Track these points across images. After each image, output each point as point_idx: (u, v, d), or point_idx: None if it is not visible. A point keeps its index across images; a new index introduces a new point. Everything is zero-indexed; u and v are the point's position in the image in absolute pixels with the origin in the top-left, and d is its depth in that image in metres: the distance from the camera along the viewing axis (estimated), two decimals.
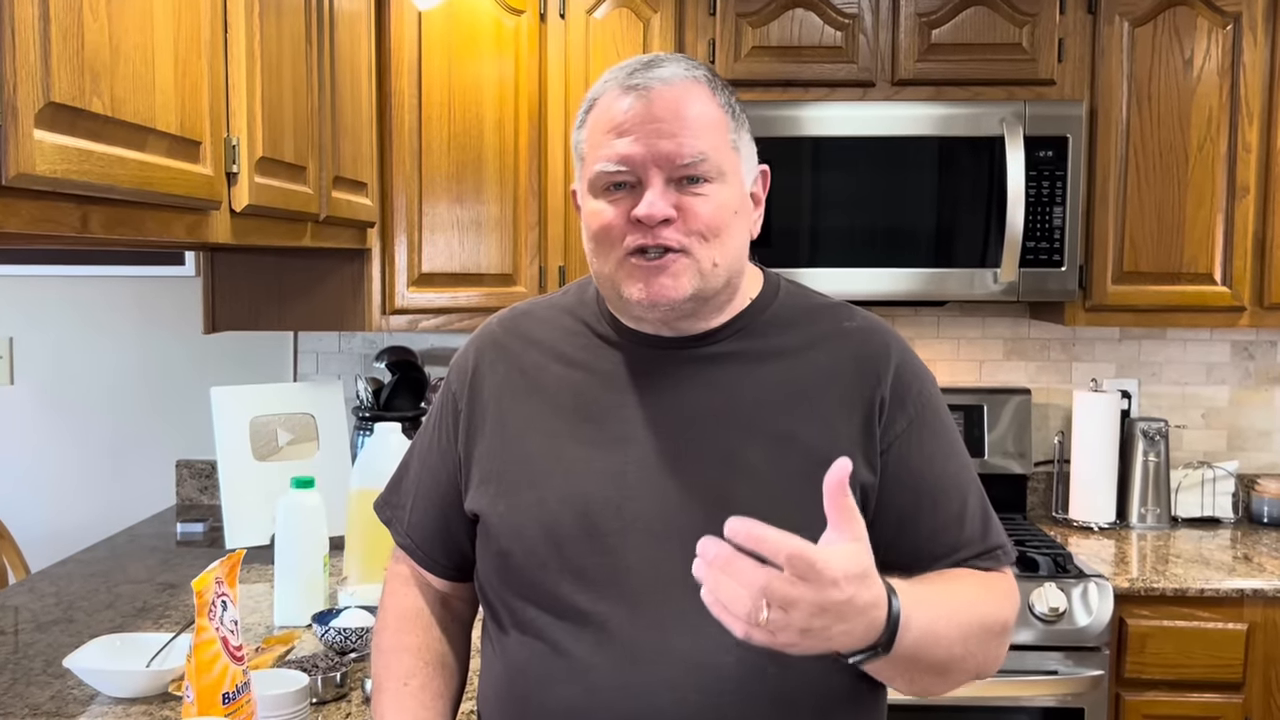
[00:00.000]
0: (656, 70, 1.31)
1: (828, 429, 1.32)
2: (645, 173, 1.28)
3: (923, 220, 2.82)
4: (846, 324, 1.41)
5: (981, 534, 1.38)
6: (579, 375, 1.39)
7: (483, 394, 1.43)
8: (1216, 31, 2.84)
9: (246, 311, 2.76)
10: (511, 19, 2.82)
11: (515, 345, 1.44)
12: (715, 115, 1.31)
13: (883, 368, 1.37)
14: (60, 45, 1.24)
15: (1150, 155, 2.86)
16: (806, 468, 1.28)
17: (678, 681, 1.27)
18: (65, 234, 1.34)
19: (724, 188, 1.31)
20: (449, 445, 1.45)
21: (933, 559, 1.34)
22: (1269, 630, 2.60)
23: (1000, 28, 2.85)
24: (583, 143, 1.35)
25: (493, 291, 2.85)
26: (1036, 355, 3.29)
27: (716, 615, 1.06)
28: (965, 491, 1.38)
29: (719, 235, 1.30)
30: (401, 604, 1.51)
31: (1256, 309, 2.89)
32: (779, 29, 2.88)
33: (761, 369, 1.36)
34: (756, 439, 1.32)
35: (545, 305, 1.50)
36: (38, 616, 2.26)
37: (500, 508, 1.36)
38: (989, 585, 1.35)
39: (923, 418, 1.37)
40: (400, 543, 1.52)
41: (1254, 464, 3.27)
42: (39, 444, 3.24)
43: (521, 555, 1.34)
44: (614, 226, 1.30)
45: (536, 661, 1.33)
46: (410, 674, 1.44)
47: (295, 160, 2.04)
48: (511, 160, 2.85)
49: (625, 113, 1.29)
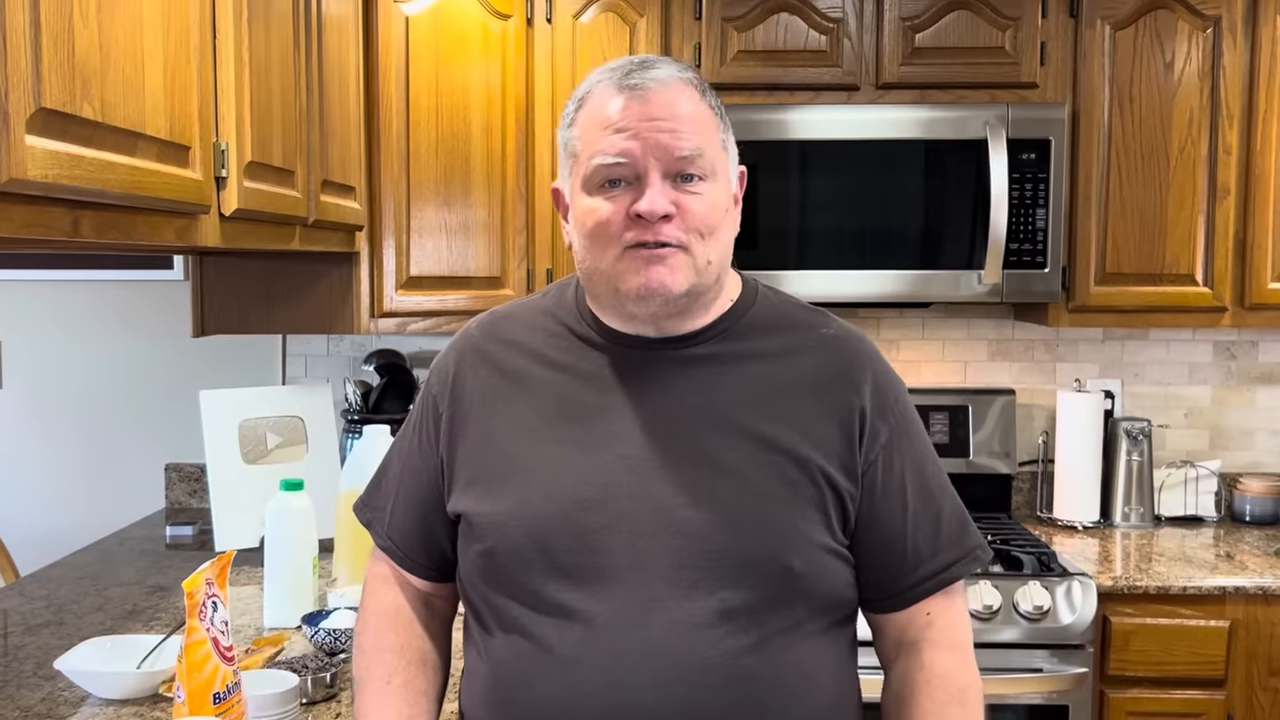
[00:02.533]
0: (651, 71, 1.33)
1: (806, 434, 1.35)
2: (644, 166, 1.30)
3: (908, 222, 2.84)
4: (824, 330, 1.43)
5: (959, 536, 1.42)
6: (561, 377, 1.40)
7: (464, 397, 1.44)
8: (1197, 34, 2.86)
9: (235, 315, 2.77)
10: (498, 24, 2.84)
11: (495, 348, 1.46)
12: (707, 115, 1.34)
13: (860, 376, 1.40)
14: (51, 51, 1.25)
15: (1132, 157, 2.89)
16: (783, 469, 1.33)
17: (662, 677, 1.28)
18: (56, 238, 1.35)
19: (716, 186, 1.33)
20: (430, 448, 1.46)
21: (915, 565, 1.39)
22: (1251, 627, 2.63)
23: (983, 31, 2.88)
24: (574, 140, 1.36)
25: (481, 294, 2.87)
26: (1021, 356, 3.31)
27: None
28: (943, 496, 1.43)
29: (714, 233, 1.33)
30: (382, 603, 1.51)
31: (1238, 309, 2.92)
32: (764, 33, 2.89)
33: (742, 371, 1.38)
34: (736, 440, 1.34)
35: (525, 308, 1.51)
36: (28, 619, 2.26)
37: (484, 507, 1.37)
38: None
39: (902, 426, 1.41)
40: (380, 544, 1.52)
41: (1236, 463, 3.30)
42: (28, 448, 3.25)
43: (506, 554, 1.35)
44: (612, 223, 1.31)
45: (521, 660, 1.34)
46: (393, 672, 1.44)
47: (284, 164, 2.05)
48: (499, 164, 2.87)
49: (622, 109, 1.31)
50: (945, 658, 1.40)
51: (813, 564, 1.33)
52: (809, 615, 1.34)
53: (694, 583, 1.29)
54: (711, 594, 1.29)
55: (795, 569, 1.31)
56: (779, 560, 1.31)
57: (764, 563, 1.31)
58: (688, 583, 1.29)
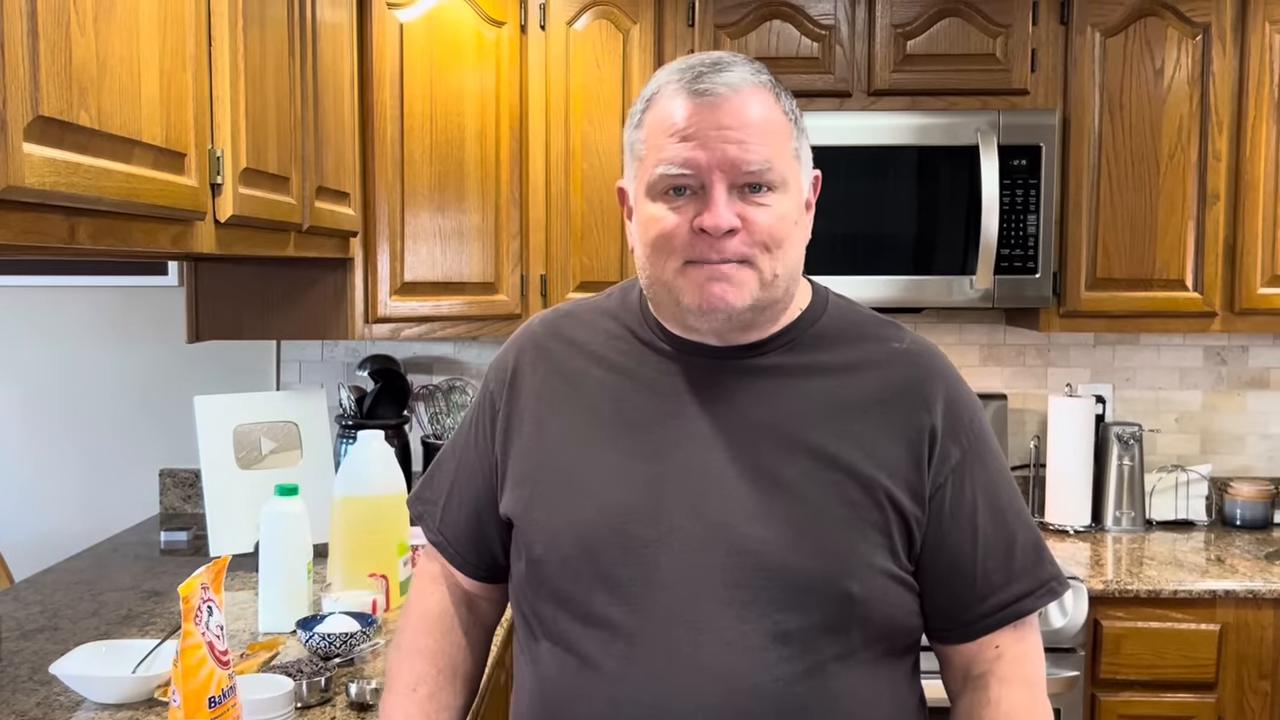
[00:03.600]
0: (723, 74, 1.26)
1: (871, 453, 1.28)
2: (709, 178, 1.24)
3: (900, 228, 2.86)
4: (895, 345, 1.37)
5: (1034, 567, 1.34)
6: (621, 381, 1.36)
7: (521, 395, 1.40)
8: (1186, 42, 2.88)
9: (230, 321, 2.77)
10: (492, 30, 2.85)
11: (556, 346, 1.41)
12: (780, 122, 1.29)
13: (933, 395, 1.33)
14: (49, 60, 1.26)
15: (1122, 163, 2.91)
16: (845, 489, 1.27)
17: (709, 702, 1.23)
18: (53, 245, 1.36)
19: (785, 197, 1.28)
20: (486, 445, 1.43)
21: (985, 595, 1.32)
22: (1241, 630, 2.64)
23: (974, 38, 2.90)
24: (640, 142, 1.30)
25: (475, 300, 2.88)
26: (1012, 361, 3.33)
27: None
28: (1016, 524, 1.35)
29: (781, 246, 1.28)
30: (426, 603, 1.49)
31: (1228, 314, 2.94)
32: (757, 40, 2.91)
33: (808, 384, 1.32)
34: (798, 456, 1.28)
35: (588, 308, 1.46)
36: (22, 624, 2.26)
37: (536, 513, 1.34)
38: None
39: (975, 448, 1.33)
40: (431, 539, 1.49)
41: (1226, 467, 3.32)
42: (22, 453, 3.25)
43: (555, 563, 1.31)
44: (676, 235, 1.26)
45: (566, 674, 1.30)
46: (420, 680, 1.43)
47: (279, 171, 2.06)
48: (493, 170, 2.88)
49: (690, 116, 1.25)
50: (1014, 694, 1.32)
51: (873, 589, 1.26)
52: (865, 643, 1.27)
53: (747, 603, 1.24)
54: (765, 616, 1.24)
55: (854, 594, 1.25)
56: (837, 584, 1.25)
57: (821, 586, 1.25)
58: (740, 603, 1.24)
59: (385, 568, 2.32)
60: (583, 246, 2.95)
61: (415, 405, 3.21)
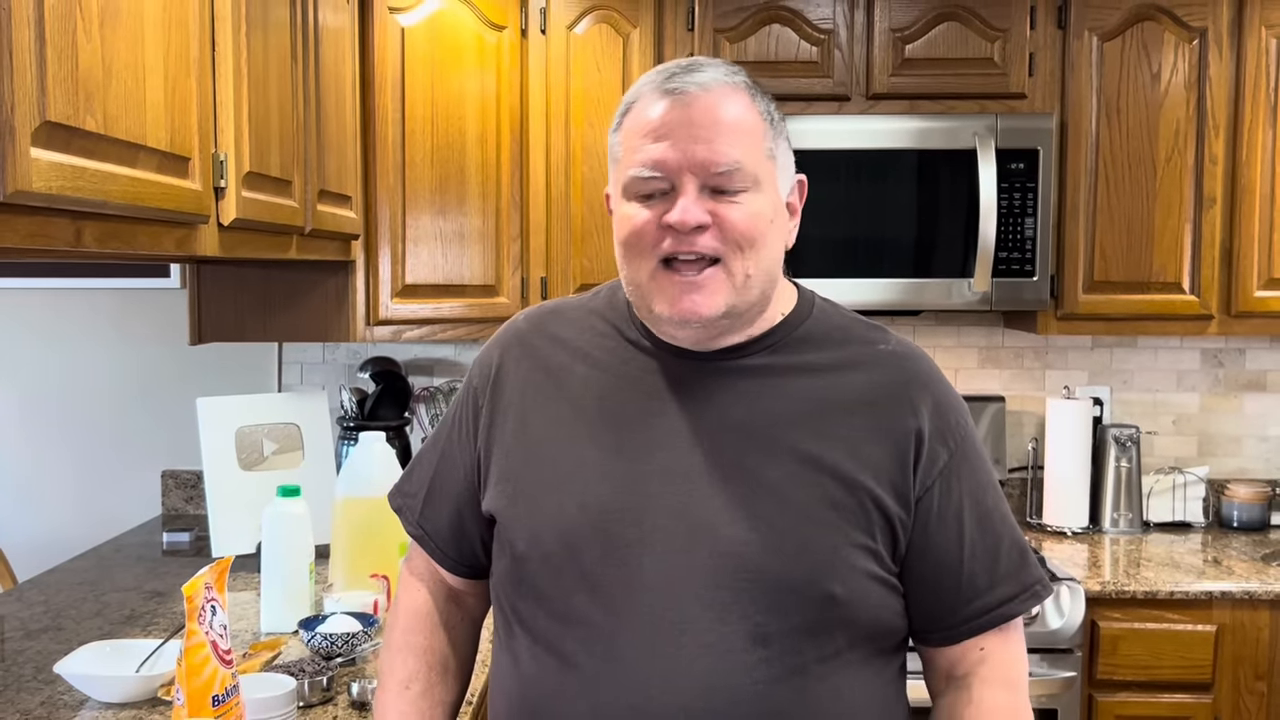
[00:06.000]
0: (695, 75, 1.27)
1: (855, 454, 1.28)
2: (679, 178, 1.24)
3: (898, 231, 2.87)
4: (881, 347, 1.36)
5: (1019, 570, 1.34)
6: (605, 378, 1.35)
7: (505, 391, 1.40)
8: (1183, 46, 2.90)
9: (232, 323, 2.79)
10: (493, 34, 2.87)
11: (541, 343, 1.41)
12: (752, 122, 1.28)
13: (919, 398, 1.32)
14: (55, 66, 1.27)
15: (1119, 167, 2.92)
16: (829, 491, 1.26)
17: (690, 705, 1.23)
18: (59, 248, 1.37)
19: (758, 196, 1.27)
20: (468, 441, 1.42)
21: (970, 598, 1.32)
22: (1237, 632, 2.66)
23: (972, 42, 2.91)
24: (617, 146, 1.31)
25: (475, 302, 2.89)
26: (1010, 363, 3.34)
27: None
28: (1002, 527, 1.34)
29: (754, 245, 1.26)
30: (414, 601, 1.50)
31: (1224, 317, 2.96)
32: (756, 44, 2.93)
33: (792, 386, 1.32)
34: (780, 458, 1.27)
35: (575, 305, 1.46)
36: (26, 625, 2.28)
37: (517, 510, 1.34)
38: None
39: (963, 451, 1.32)
40: (410, 532, 1.49)
41: (1224, 469, 3.33)
42: (25, 455, 3.26)
43: (536, 561, 1.30)
44: (645, 232, 1.26)
45: (547, 674, 1.29)
46: (413, 677, 1.45)
47: (281, 174, 2.07)
48: (494, 173, 2.89)
49: (661, 117, 1.25)
50: (997, 695, 1.32)
51: (855, 591, 1.25)
52: (849, 644, 1.27)
53: (728, 605, 1.23)
54: (746, 618, 1.23)
55: (836, 596, 1.24)
56: (819, 585, 1.24)
57: (803, 588, 1.24)
58: (721, 605, 1.23)
59: (386, 568, 2.34)
60: (583, 249, 2.96)
61: (416, 407, 3.22)
